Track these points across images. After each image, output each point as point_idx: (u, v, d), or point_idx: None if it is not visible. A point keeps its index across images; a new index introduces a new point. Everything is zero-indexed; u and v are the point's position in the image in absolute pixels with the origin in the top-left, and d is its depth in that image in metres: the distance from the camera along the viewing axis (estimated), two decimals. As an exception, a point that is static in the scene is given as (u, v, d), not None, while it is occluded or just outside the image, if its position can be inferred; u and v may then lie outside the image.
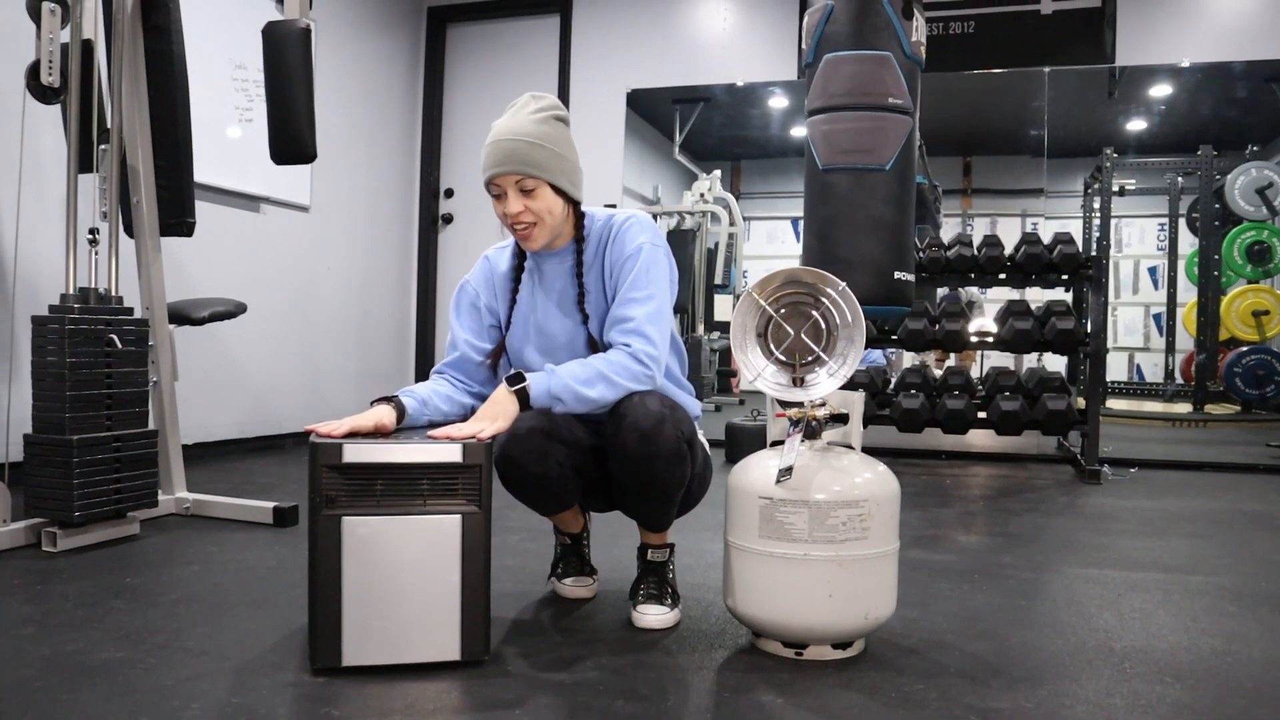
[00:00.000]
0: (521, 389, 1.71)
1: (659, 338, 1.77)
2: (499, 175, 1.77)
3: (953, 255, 4.33)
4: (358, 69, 5.19)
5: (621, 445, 1.69)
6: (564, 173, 1.81)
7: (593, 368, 1.73)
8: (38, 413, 2.37)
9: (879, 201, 2.90)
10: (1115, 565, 2.48)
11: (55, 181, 3.30)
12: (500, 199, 1.81)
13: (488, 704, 1.46)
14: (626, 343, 1.76)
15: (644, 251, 1.81)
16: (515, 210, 1.78)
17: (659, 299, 1.80)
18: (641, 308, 1.78)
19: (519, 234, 1.83)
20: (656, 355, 1.76)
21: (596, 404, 1.73)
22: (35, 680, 1.52)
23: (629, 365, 1.74)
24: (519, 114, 1.81)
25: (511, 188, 1.78)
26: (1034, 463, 4.58)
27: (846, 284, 1.59)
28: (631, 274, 1.80)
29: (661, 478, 1.72)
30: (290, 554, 2.44)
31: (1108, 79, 5.55)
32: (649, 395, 1.72)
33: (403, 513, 1.57)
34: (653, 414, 1.68)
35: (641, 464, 1.70)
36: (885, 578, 1.69)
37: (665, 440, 1.68)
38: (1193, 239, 7.04)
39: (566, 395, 1.71)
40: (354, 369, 5.23)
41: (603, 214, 1.92)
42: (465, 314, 1.95)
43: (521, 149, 1.76)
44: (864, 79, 3.03)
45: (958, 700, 1.52)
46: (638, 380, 1.74)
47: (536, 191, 1.78)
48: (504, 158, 1.76)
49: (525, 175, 1.76)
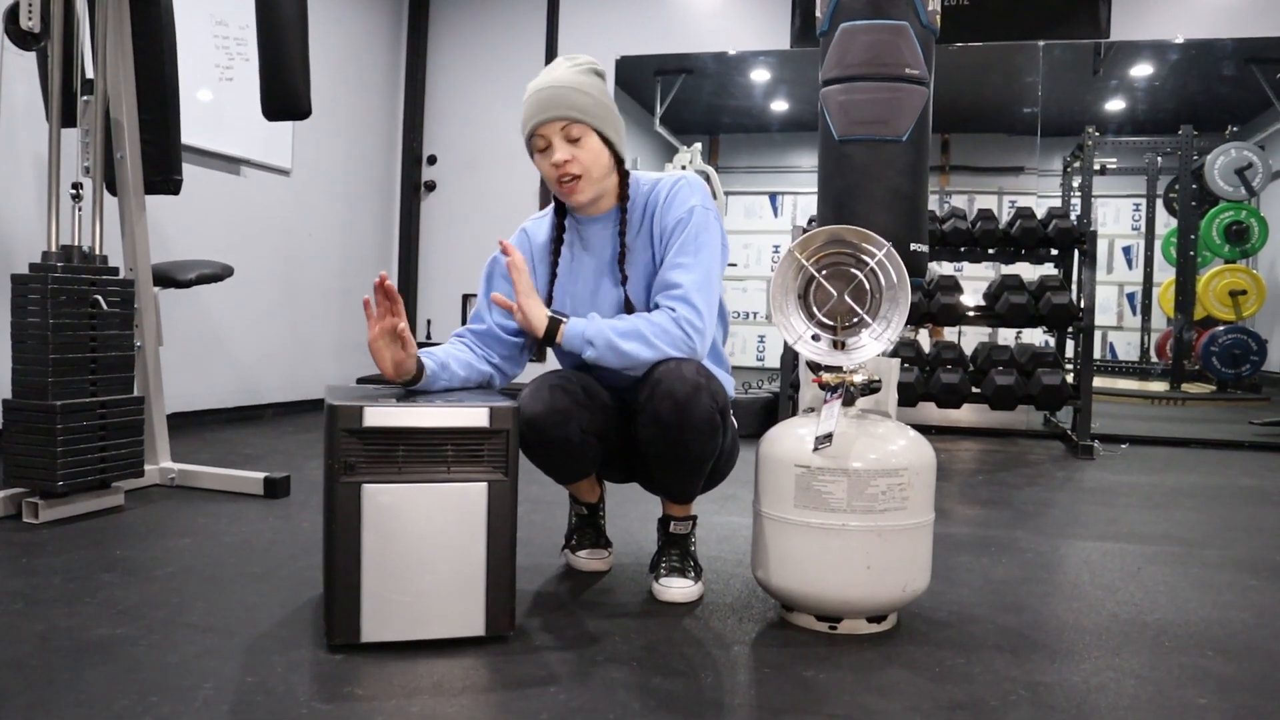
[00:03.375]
0: (556, 319, 1.68)
1: (706, 308, 1.70)
2: (544, 123, 1.70)
3: (948, 229, 4.29)
4: (339, 30, 5.03)
5: (654, 412, 1.62)
6: (609, 122, 1.74)
7: (632, 323, 1.67)
8: (18, 377, 2.25)
9: (895, 173, 2.84)
10: (1127, 539, 2.46)
11: (28, 137, 3.14)
12: (544, 152, 1.73)
13: (519, 681, 1.39)
14: (671, 307, 1.69)
15: (695, 215, 1.74)
16: (562, 158, 1.70)
17: (708, 266, 1.72)
18: (689, 274, 1.70)
19: (564, 187, 1.74)
20: (701, 327, 1.68)
21: (629, 359, 1.66)
22: (31, 659, 1.42)
23: (669, 329, 1.66)
24: (556, 68, 1.74)
25: (557, 135, 1.70)
26: (1023, 438, 4.58)
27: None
28: (681, 238, 1.73)
29: (693, 448, 1.65)
30: (285, 525, 2.34)
31: (1092, 56, 5.53)
32: (685, 362, 1.64)
33: (426, 480, 1.48)
34: (688, 381, 1.61)
35: (673, 432, 1.62)
36: (922, 549, 1.64)
37: (700, 409, 1.61)
38: (1168, 219, 7.09)
39: (599, 341, 1.65)
40: (335, 338, 5.10)
41: (649, 177, 1.84)
42: (498, 288, 1.85)
43: (565, 94, 1.69)
44: (881, 49, 2.95)
45: (1003, 674, 1.47)
46: (676, 346, 1.66)
47: (583, 140, 1.71)
48: (547, 103, 1.69)
49: (571, 120, 1.69)
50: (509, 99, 5.38)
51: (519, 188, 5.44)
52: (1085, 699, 1.38)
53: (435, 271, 5.62)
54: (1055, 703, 1.36)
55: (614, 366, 1.68)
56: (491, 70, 5.48)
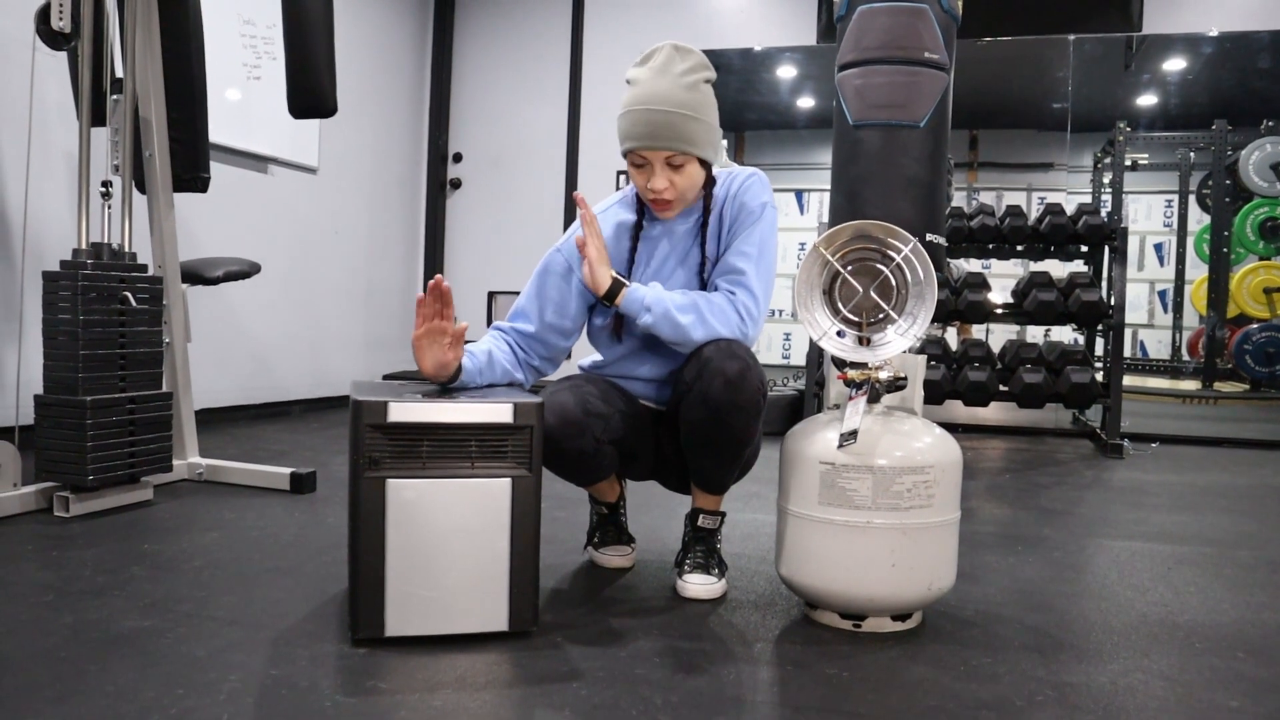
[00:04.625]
0: (618, 280, 1.68)
1: (764, 298, 1.73)
2: (648, 149, 1.67)
3: (975, 225, 4.24)
4: (366, 29, 5.06)
5: (703, 390, 1.62)
6: (711, 143, 1.72)
7: (691, 298, 1.69)
8: (49, 373, 2.28)
9: (912, 159, 2.79)
10: (1157, 539, 2.42)
11: (59, 135, 3.18)
12: (641, 168, 1.71)
13: (542, 677, 1.39)
14: (731, 290, 1.71)
15: (766, 212, 1.77)
16: (660, 186, 1.69)
17: (769, 262, 1.76)
18: (752, 264, 1.72)
19: (656, 206, 1.75)
20: (757, 315, 1.71)
21: (683, 333, 1.67)
22: (60, 650, 1.44)
23: (726, 310, 1.69)
24: (665, 74, 1.67)
25: (660, 163, 1.68)
26: (1051, 437, 4.53)
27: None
28: (749, 230, 1.75)
29: (739, 429, 1.65)
30: (311, 521, 2.36)
31: (1124, 50, 5.46)
32: (734, 343, 1.66)
33: (450, 475, 1.49)
34: (739, 358, 1.62)
35: (722, 413, 1.62)
36: (948, 547, 1.62)
37: (748, 390, 1.62)
38: (1200, 215, 6.98)
39: (658, 309, 1.66)
40: (360, 335, 5.13)
41: (721, 171, 1.83)
42: (552, 287, 1.80)
43: (676, 122, 1.65)
44: (899, 32, 2.90)
45: (1029, 674, 1.45)
46: (730, 328, 1.68)
47: (684, 167, 1.69)
48: (655, 131, 1.65)
49: (677, 151, 1.67)
50: (534, 97, 5.39)
51: (544, 185, 5.44)
52: (1113, 700, 1.36)
53: (460, 269, 5.64)
54: (1082, 703, 1.35)
55: (666, 337, 1.69)
56: (517, 68, 5.48)
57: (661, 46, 1.71)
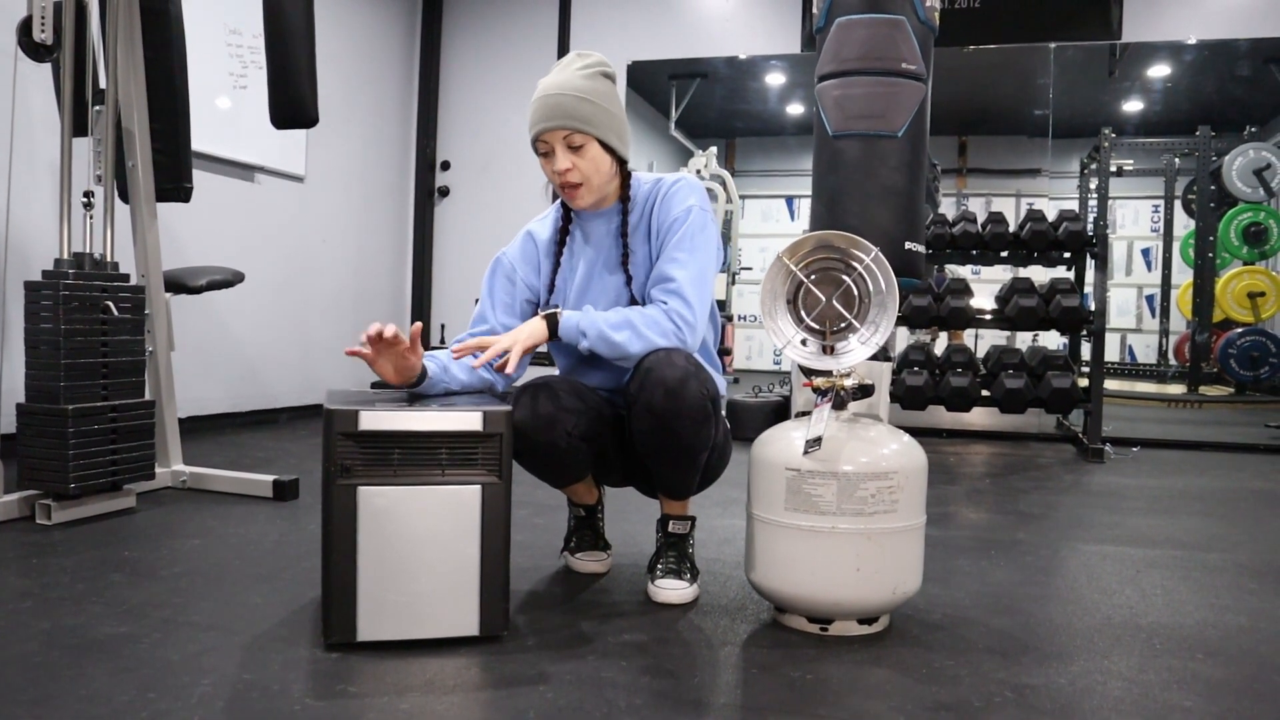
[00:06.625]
0: (552, 314, 1.71)
1: (698, 303, 1.74)
2: (546, 131, 1.74)
3: (958, 231, 4.28)
4: (353, 36, 5.08)
5: (646, 401, 1.64)
6: (612, 129, 1.77)
7: (624, 315, 1.71)
8: (31, 381, 2.30)
9: (890, 169, 2.84)
10: (1130, 542, 2.45)
11: (43, 146, 3.20)
12: (548, 156, 1.77)
13: (510, 680, 1.42)
14: (664, 300, 1.73)
15: (693, 214, 1.78)
16: (563, 167, 1.75)
17: (702, 265, 1.76)
18: (684, 270, 1.74)
19: (566, 192, 1.80)
20: (692, 321, 1.72)
21: (620, 350, 1.69)
22: (36, 655, 1.46)
23: (660, 321, 1.70)
24: (565, 70, 1.77)
25: (559, 144, 1.74)
26: (1034, 441, 4.56)
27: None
28: (677, 235, 1.77)
29: (686, 437, 1.68)
30: (292, 528, 2.38)
31: (1108, 58, 5.51)
32: (674, 352, 1.68)
33: (421, 483, 1.51)
34: (678, 368, 1.64)
35: (666, 421, 1.65)
36: (913, 552, 1.65)
37: (690, 396, 1.64)
38: (1187, 220, 7.03)
39: (592, 332, 1.69)
40: (348, 342, 5.13)
41: (650, 176, 1.88)
42: (499, 288, 1.91)
43: (569, 103, 1.72)
44: (877, 43, 2.95)
45: (990, 676, 1.48)
46: (666, 337, 1.70)
47: (585, 148, 1.75)
48: (551, 112, 1.73)
49: (573, 130, 1.73)
50: (522, 105, 5.37)
51: (532, 192, 5.47)
52: (1070, 701, 1.39)
53: (449, 277, 5.66)
54: (1040, 704, 1.37)
55: (606, 356, 1.71)
56: (505, 76, 5.51)
57: (567, 54, 1.82)
